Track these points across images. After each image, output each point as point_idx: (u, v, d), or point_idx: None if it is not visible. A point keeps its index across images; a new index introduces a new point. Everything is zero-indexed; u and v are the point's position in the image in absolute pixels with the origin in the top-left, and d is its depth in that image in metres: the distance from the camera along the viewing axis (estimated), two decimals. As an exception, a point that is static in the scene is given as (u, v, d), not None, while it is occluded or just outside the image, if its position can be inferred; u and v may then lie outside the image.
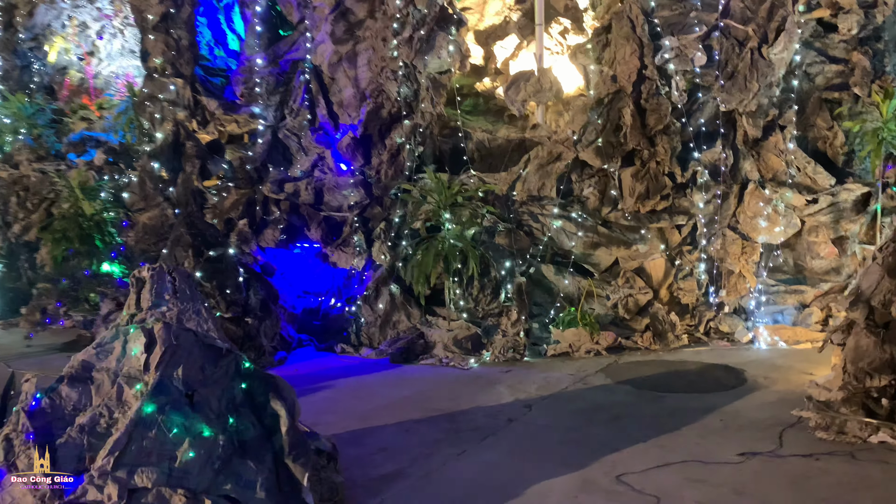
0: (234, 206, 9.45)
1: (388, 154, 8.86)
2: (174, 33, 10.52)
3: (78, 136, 12.93)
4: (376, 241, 8.83)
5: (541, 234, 8.47)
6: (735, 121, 8.71)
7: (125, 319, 3.80)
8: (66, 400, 3.53)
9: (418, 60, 8.78)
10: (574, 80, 9.40)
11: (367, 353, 8.34)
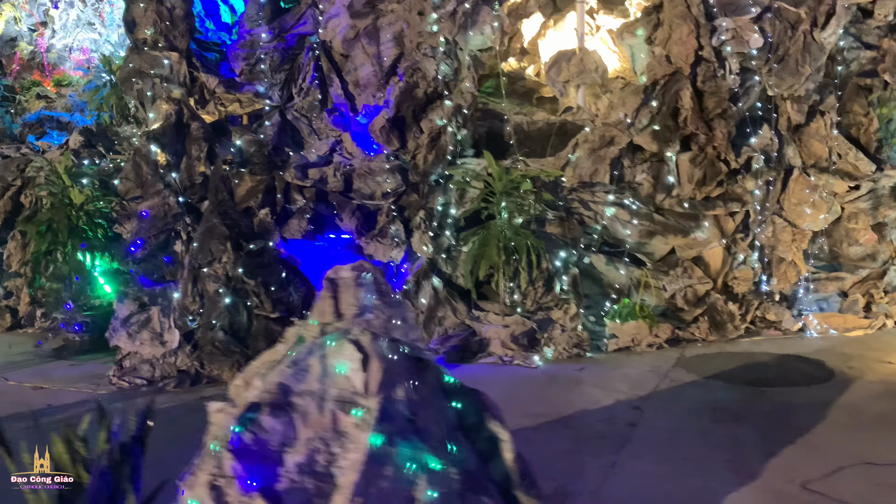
0: (251, 194, 8.58)
1: (428, 137, 8.21)
2: (167, 2, 9.45)
3: (35, 116, 11.63)
4: (416, 231, 8.19)
5: (593, 223, 8.05)
6: (777, 106, 8.55)
7: (316, 330, 3.10)
8: (269, 433, 2.83)
9: (461, 36, 8.17)
10: (609, 60, 9.00)
11: (415, 353, 7.72)
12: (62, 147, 10.12)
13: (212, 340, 6.80)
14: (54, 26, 12.71)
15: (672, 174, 7.99)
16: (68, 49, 12.96)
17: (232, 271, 6.84)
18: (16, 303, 9.59)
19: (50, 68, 12.86)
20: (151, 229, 8.83)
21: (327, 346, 3.04)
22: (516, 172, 7.63)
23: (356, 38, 9.21)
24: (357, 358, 2.94)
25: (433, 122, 8.22)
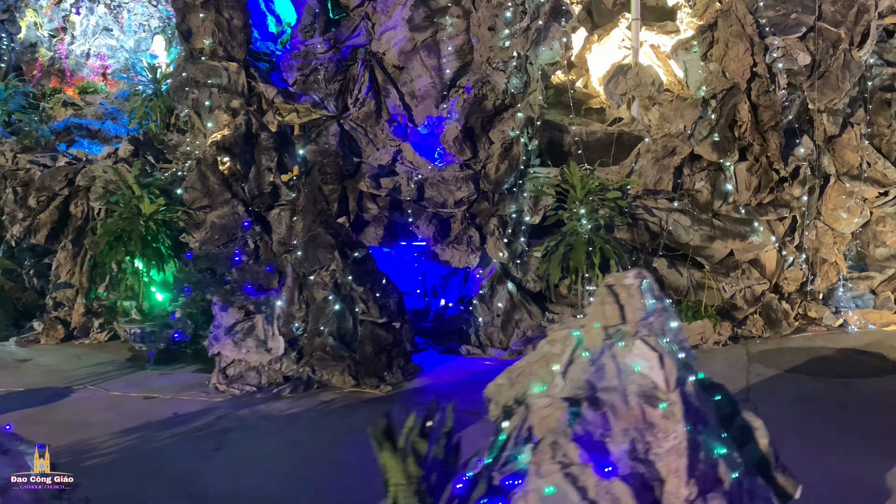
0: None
1: (501, 148, 8.55)
2: (225, 13, 9.52)
3: (63, 124, 11.46)
4: (489, 237, 8.52)
5: (657, 228, 8.54)
6: (813, 118, 9.22)
7: (599, 332, 3.42)
8: (592, 425, 3.14)
9: (532, 51, 8.55)
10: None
11: (498, 354, 8.06)
12: (111, 156, 10.02)
13: (322, 346, 6.98)
14: (74, 32, 12.52)
15: (730, 182, 8.55)
16: (86, 55, 12.79)
17: (341, 278, 7.03)
18: (66, 314, 9.47)
19: (68, 74, 12.66)
20: (220, 238, 8.91)
21: (616, 347, 3.37)
22: (595, 181, 8.03)
23: (414, 51, 9.48)
24: (653, 357, 3.28)
25: (505, 133, 8.57)
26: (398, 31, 9.55)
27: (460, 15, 9.24)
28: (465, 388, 6.96)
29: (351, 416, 6.20)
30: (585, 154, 9.04)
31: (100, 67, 12.97)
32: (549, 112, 9.48)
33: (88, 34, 12.64)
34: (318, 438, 5.72)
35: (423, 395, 6.75)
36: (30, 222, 9.94)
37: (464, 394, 6.71)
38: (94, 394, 6.89)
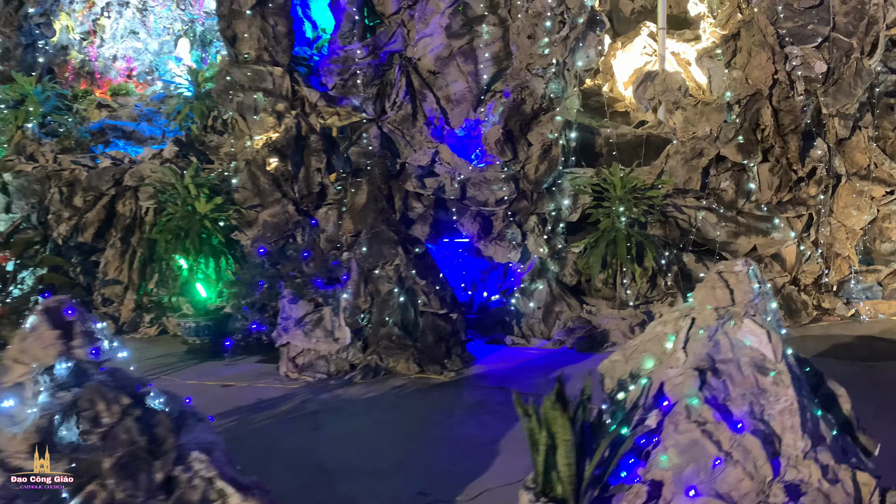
0: (370, 202, 9.16)
1: (540, 149, 9.06)
2: (270, 19, 9.91)
3: (98, 125, 11.76)
4: (530, 234, 9.03)
5: (686, 225, 9.12)
6: (824, 122, 9.86)
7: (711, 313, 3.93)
8: (716, 390, 3.66)
9: (569, 58, 9.07)
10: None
11: (541, 344, 8.57)
12: (156, 156, 10.36)
13: (388, 336, 7.43)
14: (104, 35, 12.79)
15: (753, 181, 9.15)
16: (113, 58, 13.07)
17: (405, 272, 7.49)
18: (115, 310, 9.80)
19: (97, 77, 12.93)
20: (272, 236, 9.32)
21: (728, 325, 3.89)
22: (633, 181, 8.58)
23: (450, 57, 9.95)
24: (762, 333, 3.81)
25: (544, 136, 9.08)
26: (435, 38, 10.02)
27: (496, 23, 9.73)
28: (522, 373, 7.49)
29: (427, 399, 6.67)
30: (614, 155, 9.60)
31: (126, 70, 13.27)
32: (580, 115, 10.01)
33: (117, 37, 12.92)
34: (405, 418, 6.18)
35: (486, 380, 7.25)
36: (76, 221, 10.24)
37: (523, 379, 7.26)
38: (171, 383, 7.25)
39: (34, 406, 3.29)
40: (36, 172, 10.58)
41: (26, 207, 10.44)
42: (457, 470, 5.02)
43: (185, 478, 3.42)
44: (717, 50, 9.45)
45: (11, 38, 11.56)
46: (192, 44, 13.44)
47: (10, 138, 11.60)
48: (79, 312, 3.44)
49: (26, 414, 3.32)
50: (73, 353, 3.42)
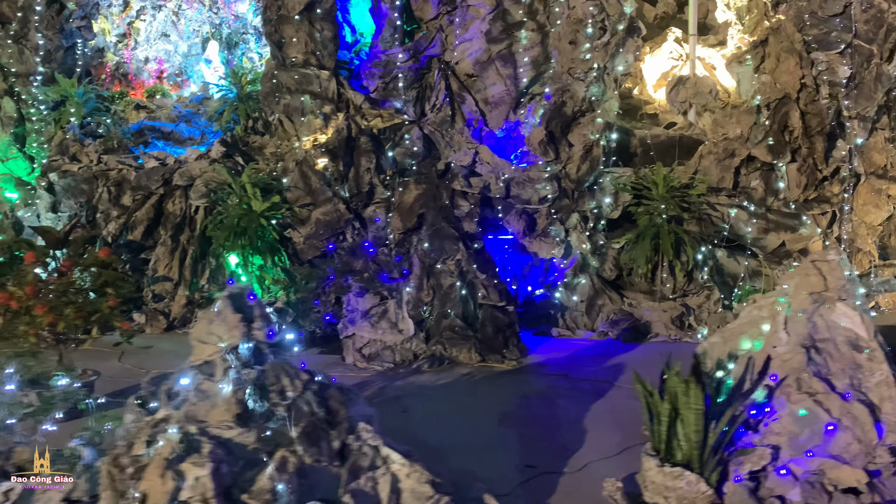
0: (418, 201, 9.53)
1: (582, 149, 9.49)
2: (317, 24, 10.26)
3: (137, 126, 12.03)
4: (572, 231, 9.46)
5: (719, 221, 9.59)
6: (844, 124, 10.39)
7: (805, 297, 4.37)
8: (820, 366, 4.10)
9: (609, 63, 9.52)
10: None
11: (587, 336, 9.00)
12: (203, 157, 10.66)
13: (450, 327, 7.83)
14: (138, 38, 13.05)
15: (782, 180, 9.65)
16: (145, 60, 13.33)
17: (466, 266, 7.89)
18: (165, 306, 10.09)
19: (131, 78, 13.19)
20: (325, 233, 9.68)
21: (823, 308, 4.34)
22: (675, 180, 9.03)
23: (489, 61, 10.36)
24: (854, 314, 4.26)
25: (585, 137, 9.51)
26: (474, 43, 10.42)
27: (534, 29, 10.15)
28: (578, 362, 7.91)
29: (497, 385, 7.08)
30: (649, 155, 10.06)
31: (156, 71, 13.54)
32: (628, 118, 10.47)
33: (150, 40, 13.18)
34: (484, 402, 6.58)
35: (546, 368, 7.66)
36: (125, 219, 10.53)
37: (581, 367, 7.69)
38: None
39: (225, 382, 3.65)
40: (82, 172, 10.86)
41: (75, 206, 10.71)
42: (552, 446, 5.42)
43: (356, 446, 3.80)
44: (747, 56, 9.94)
45: (53, 41, 11.78)
46: (220, 46, 13.74)
47: (49, 138, 11.86)
48: (258, 299, 3.79)
49: (217, 389, 3.68)
50: (253, 334, 3.78)
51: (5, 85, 12.00)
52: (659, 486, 4.02)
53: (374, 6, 10.76)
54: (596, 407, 6.28)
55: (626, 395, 6.66)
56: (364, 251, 8.80)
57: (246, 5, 13.43)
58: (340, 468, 3.73)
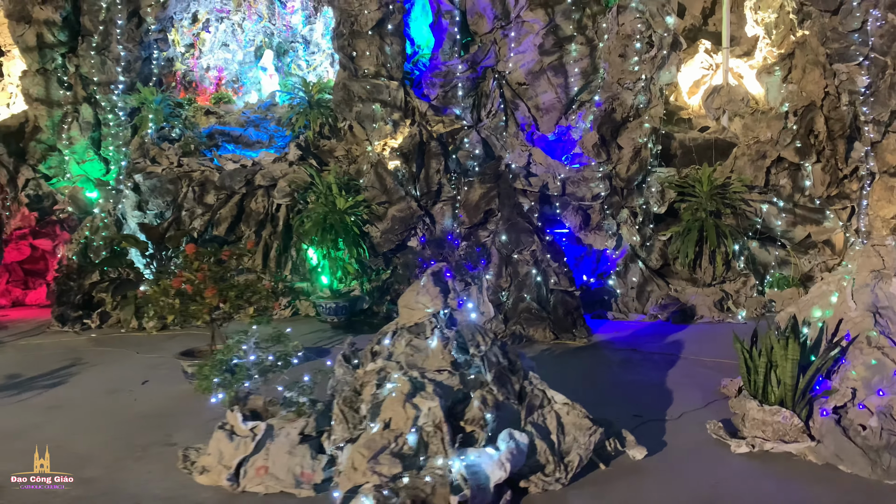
0: (483, 198, 10.58)
1: (632, 151, 10.58)
2: (387, 39, 11.29)
3: (208, 131, 13.00)
4: (623, 225, 10.56)
5: (753, 216, 10.71)
6: (860, 128, 11.54)
7: (867, 274, 5.47)
8: (884, 327, 5.20)
9: (655, 74, 10.61)
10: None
11: (639, 318, 10.10)
12: (281, 159, 11.66)
13: (527, 309, 8.90)
14: (203, 48, 14.01)
15: (808, 179, 10.79)
16: (206, 68, 14.30)
17: (540, 256, 8.96)
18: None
19: (194, 86, 14.15)
20: (399, 228, 10.72)
21: (882, 282, 5.43)
22: (720, 179, 10.14)
23: (541, 71, 11.44)
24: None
25: (634, 140, 10.60)
26: (527, 55, 11.49)
27: (584, 43, 11.24)
28: (640, 339, 8.99)
29: (578, 357, 8.16)
30: (687, 156, 11.17)
31: (216, 78, 14.51)
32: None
33: (214, 49, 14.15)
34: (573, 370, 7.63)
35: (614, 344, 8.75)
36: (209, 217, 11.53)
37: (644, 343, 8.77)
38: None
39: (433, 339, 4.70)
40: (166, 173, 11.83)
41: (162, 205, 11.68)
42: (647, 402, 6.49)
43: (529, 389, 4.87)
44: (776, 67, 11.07)
45: (133, 52, 12.73)
46: (276, 55, 14.73)
47: (125, 142, 12.83)
48: (453, 275, 4.84)
49: (426, 344, 4.72)
50: (449, 303, 4.83)
51: (84, 93, 12.96)
52: (758, 422, 5.11)
53: (435, 22, 11.82)
54: (671, 373, 7.37)
55: (693, 364, 7.77)
56: (449, 243, 9.83)
57: (298, 16, 14.43)
58: (520, 405, 4.78)
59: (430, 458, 4.26)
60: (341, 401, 4.74)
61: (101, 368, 8.22)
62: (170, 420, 6.33)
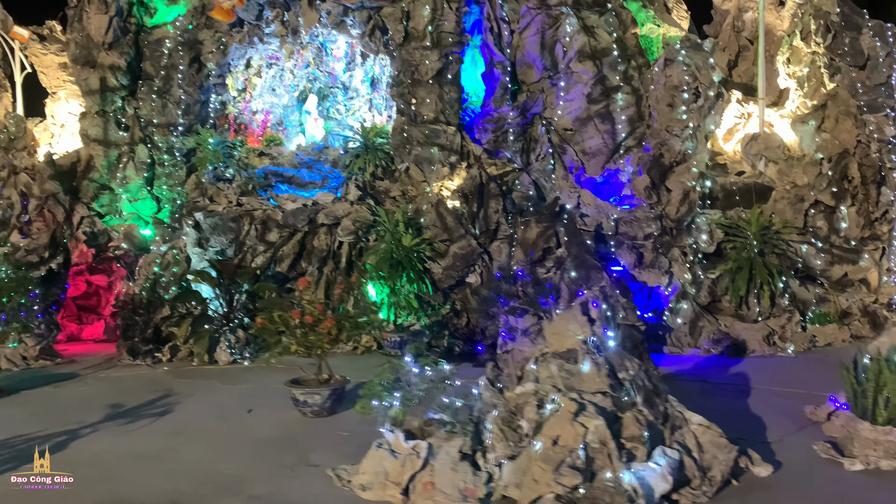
0: (541, 237, 11.11)
1: (681, 194, 11.21)
2: (445, 87, 11.93)
3: (262, 171, 13.46)
4: (674, 263, 11.13)
5: (793, 255, 11.35)
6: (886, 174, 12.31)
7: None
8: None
9: (701, 122, 11.31)
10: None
11: (693, 352, 10.61)
12: (340, 200, 12.13)
13: (597, 343, 9.36)
14: (253, 92, 14.55)
15: (844, 221, 11.47)
16: (254, 111, 14.83)
17: (609, 291, 9.45)
18: (310, 329, 11.43)
19: (243, 128, 14.66)
20: (460, 265, 11.20)
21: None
22: (766, 221, 10.79)
23: (588, 118, 12.13)
24: None
25: (684, 183, 11.25)
26: (574, 103, 12.18)
27: (630, 92, 11.97)
28: (703, 372, 9.48)
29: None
30: (729, 199, 11.82)
31: (262, 122, 15.04)
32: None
33: (263, 93, 14.69)
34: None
35: (682, 375, 9.22)
36: (272, 254, 11.93)
37: (710, 375, 9.27)
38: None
39: (586, 364, 5.16)
40: (227, 212, 12.24)
41: (224, 242, 12.07)
42: (742, 426, 6.90)
43: (670, 410, 5.32)
44: (810, 117, 11.84)
45: (192, 96, 13.25)
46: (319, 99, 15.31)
47: (180, 182, 13.27)
48: (599, 306, 5.32)
49: (578, 369, 5.18)
50: (595, 330, 5.30)
51: (141, 134, 13.42)
52: (869, 442, 5.60)
53: (488, 71, 12.49)
54: (750, 402, 7.86)
55: (765, 393, 8.27)
56: (522, 278, 10.31)
57: (342, 64, 15.05)
58: (664, 425, 5.24)
59: (598, 472, 4.68)
60: (499, 420, 5.16)
61: (198, 399, 8.52)
62: (297, 443, 6.68)
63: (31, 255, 11.50)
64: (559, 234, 11.08)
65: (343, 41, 14.36)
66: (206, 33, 13.22)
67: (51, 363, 10.69)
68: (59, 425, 7.32)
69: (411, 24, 12.25)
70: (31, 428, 7.23)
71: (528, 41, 12.38)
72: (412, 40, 12.18)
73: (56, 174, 13.40)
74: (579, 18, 12.11)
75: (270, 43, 13.84)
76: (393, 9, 12.38)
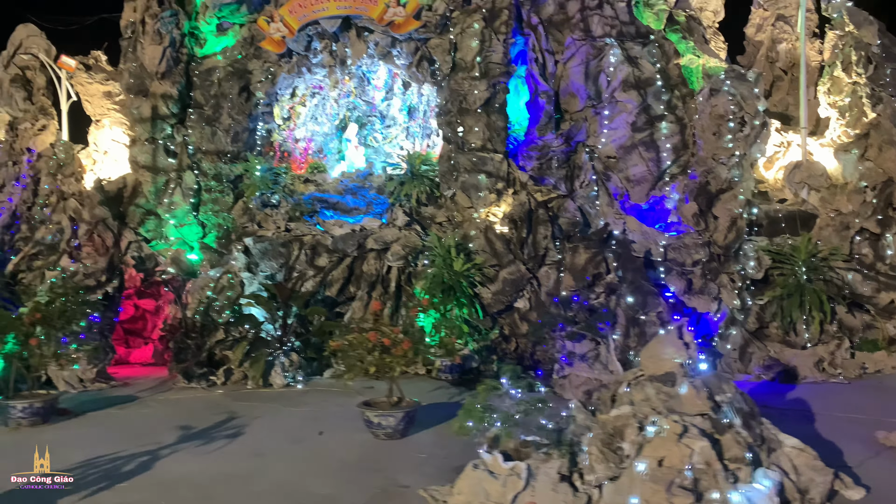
0: (589, 262, 11.24)
1: (728, 220, 11.35)
2: (492, 116, 12.15)
3: (308, 197, 13.66)
4: (723, 289, 11.22)
5: (839, 282, 11.44)
6: (922, 200, 12.44)
7: None
8: None
9: (748, 150, 11.49)
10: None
11: (745, 378, 10.65)
12: (386, 226, 12.31)
13: (655, 368, 9.43)
14: (298, 120, 14.82)
15: (890, 248, 11.58)
16: (296, 139, 15.09)
17: (666, 317, 9.56)
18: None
19: (286, 155, 14.90)
20: (510, 290, 11.32)
21: None
22: (813, 248, 10.90)
23: (632, 146, 12.32)
24: None
25: (731, 210, 11.39)
26: (618, 131, 12.38)
27: (674, 121, 12.17)
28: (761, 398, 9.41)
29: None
30: (773, 226, 11.95)
31: (304, 149, 15.29)
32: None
33: (307, 121, 14.96)
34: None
35: (739, 401, 9.27)
36: (321, 278, 12.08)
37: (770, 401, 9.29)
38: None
39: (684, 386, 5.26)
40: (277, 237, 12.43)
41: (275, 267, 12.23)
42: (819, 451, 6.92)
43: (765, 432, 5.41)
44: (853, 146, 12.01)
45: (241, 124, 13.51)
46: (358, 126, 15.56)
47: (226, 208, 13.47)
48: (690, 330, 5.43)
49: (675, 391, 5.28)
50: (689, 354, 5.41)
51: (189, 161, 13.66)
52: (958, 465, 5.66)
53: (532, 100, 12.73)
54: (817, 427, 7.90)
55: (829, 419, 8.30)
56: (578, 303, 10.42)
57: (381, 93, 15.32)
58: (760, 447, 5.32)
59: (704, 493, 4.76)
60: (598, 442, 5.26)
61: (265, 421, 8.61)
62: (379, 465, 6.76)
63: (89, 278, 11.66)
64: (608, 259, 11.25)
65: (384, 71, 14.66)
66: (255, 63, 13.52)
67: (106, 385, 10.81)
68: (136, 446, 7.42)
69: (459, 55, 12.52)
70: (109, 448, 7.33)
71: (572, 71, 12.62)
72: (460, 70, 12.44)
73: (104, 200, 13.63)
74: (623, 49, 12.36)
75: (317, 73, 14.12)
76: (441, 40, 12.67)
